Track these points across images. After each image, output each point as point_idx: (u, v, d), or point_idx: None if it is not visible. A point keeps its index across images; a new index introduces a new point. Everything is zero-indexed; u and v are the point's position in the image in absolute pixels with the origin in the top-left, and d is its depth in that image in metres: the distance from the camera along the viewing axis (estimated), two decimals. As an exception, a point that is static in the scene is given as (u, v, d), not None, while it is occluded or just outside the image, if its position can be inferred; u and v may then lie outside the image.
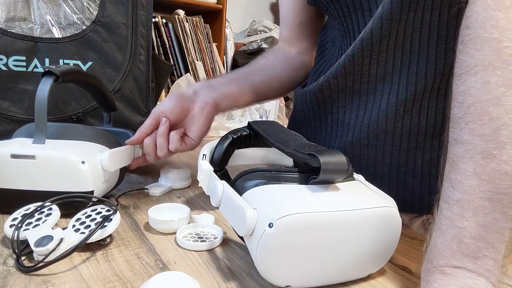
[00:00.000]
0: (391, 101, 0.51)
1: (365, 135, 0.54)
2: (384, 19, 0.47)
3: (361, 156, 0.55)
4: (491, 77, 0.32)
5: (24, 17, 0.67)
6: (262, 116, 1.74)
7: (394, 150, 0.53)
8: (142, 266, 0.40)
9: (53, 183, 0.48)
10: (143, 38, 0.75)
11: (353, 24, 0.54)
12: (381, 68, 0.51)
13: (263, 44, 2.32)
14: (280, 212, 0.33)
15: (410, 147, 0.52)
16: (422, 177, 0.53)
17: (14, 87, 0.66)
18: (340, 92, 0.56)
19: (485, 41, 0.32)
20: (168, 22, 2.02)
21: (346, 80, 0.54)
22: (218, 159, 0.51)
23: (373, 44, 0.49)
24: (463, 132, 0.33)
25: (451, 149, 0.35)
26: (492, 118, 0.31)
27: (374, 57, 0.50)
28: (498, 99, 0.31)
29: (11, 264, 0.39)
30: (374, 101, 0.53)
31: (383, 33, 0.48)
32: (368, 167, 0.55)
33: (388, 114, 0.51)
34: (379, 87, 0.52)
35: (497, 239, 0.32)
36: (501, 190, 0.31)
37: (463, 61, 0.34)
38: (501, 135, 0.31)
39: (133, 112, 0.75)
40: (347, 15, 0.54)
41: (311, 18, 0.71)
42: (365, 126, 0.54)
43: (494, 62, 0.32)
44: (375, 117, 0.52)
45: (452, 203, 0.33)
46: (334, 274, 0.37)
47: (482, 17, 0.33)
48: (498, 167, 0.31)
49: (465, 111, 0.33)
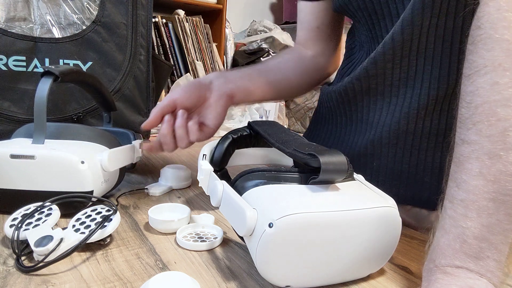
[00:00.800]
0: (413, 104, 0.52)
1: (386, 134, 0.55)
2: (405, 24, 0.47)
3: (382, 153, 0.56)
4: (501, 78, 0.32)
5: (24, 17, 0.67)
6: (262, 116, 1.74)
7: (413, 149, 0.54)
8: (142, 266, 0.40)
9: (52, 183, 0.48)
10: (143, 38, 0.75)
11: (382, 29, 0.55)
12: (404, 72, 0.52)
13: (263, 44, 2.31)
14: (280, 212, 0.33)
15: (429, 146, 0.53)
16: (439, 174, 0.54)
17: (14, 87, 0.66)
18: (364, 93, 0.57)
19: (496, 42, 0.32)
20: (168, 22, 2.02)
21: (370, 82, 0.55)
22: (218, 159, 0.51)
23: (394, 49, 0.50)
24: (470, 132, 0.33)
25: (457, 149, 0.35)
26: (500, 119, 0.31)
27: (397, 61, 0.51)
28: (507, 100, 0.31)
29: (11, 264, 0.39)
30: (396, 103, 0.54)
31: (404, 38, 0.48)
32: (388, 164, 0.56)
33: (409, 116, 0.52)
34: (402, 90, 0.53)
35: (500, 240, 0.32)
36: (506, 192, 0.31)
37: (473, 62, 0.34)
38: (508, 136, 0.31)
39: (133, 112, 0.75)
40: (375, 21, 0.55)
41: (329, 22, 0.71)
42: (387, 126, 0.55)
43: (504, 63, 0.32)
44: (397, 118, 0.53)
45: (456, 203, 0.33)
46: (334, 274, 0.37)
47: (493, 18, 0.33)
48: (504, 168, 0.31)
49: (473, 111, 0.33)
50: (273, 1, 2.85)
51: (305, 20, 0.72)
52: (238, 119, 1.59)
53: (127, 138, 0.63)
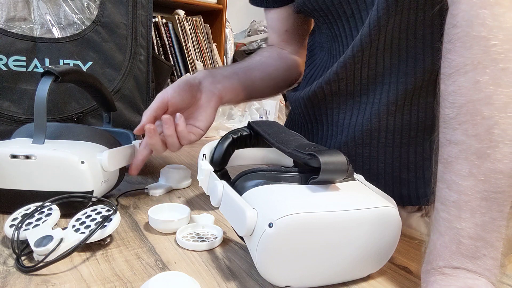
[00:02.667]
0: (383, 101, 0.52)
1: (359, 134, 0.55)
2: (372, 25, 0.48)
3: (357, 154, 0.56)
4: (481, 76, 0.32)
5: (24, 17, 0.67)
6: (262, 116, 1.74)
7: (387, 147, 0.55)
8: (142, 266, 0.40)
9: (52, 183, 0.48)
10: (143, 38, 0.75)
11: (339, 29, 0.55)
12: (372, 70, 0.52)
13: (263, 44, 2.31)
14: (280, 212, 0.33)
15: (403, 142, 0.54)
16: (416, 170, 0.55)
17: (14, 87, 0.66)
18: (333, 95, 0.57)
19: (474, 39, 0.32)
20: (168, 22, 2.02)
21: (339, 84, 0.55)
22: (218, 159, 0.51)
23: (363, 50, 0.51)
24: (457, 132, 0.33)
25: (444, 150, 0.34)
26: (484, 117, 0.31)
27: (365, 61, 0.52)
28: (489, 98, 0.31)
29: (11, 264, 0.39)
30: (367, 101, 0.54)
31: (372, 38, 0.49)
32: (364, 165, 0.57)
33: (380, 113, 0.53)
34: (371, 88, 0.54)
35: (495, 237, 0.32)
36: (497, 189, 0.31)
37: (452, 60, 0.34)
38: (493, 134, 0.31)
39: (133, 112, 0.75)
40: (332, 21, 0.56)
41: (297, 25, 0.73)
42: (359, 126, 0.55)
43: (483, 61, 0.32)
44: (368, 117, 0.54)
45: (449, 205, 0.33)
46: (334, 274, 0.37)
47: (468, 15, 0.33)
48: (492, 166, 0.31)
49: (457, 112, 0.33)
50: (273, 1, 2.85)
51: (274, 25, 0.74)
52: (238, 119, 1.59)
53: (127, 138, 0.63)
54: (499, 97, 0.31)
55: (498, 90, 0.31)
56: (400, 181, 0.56)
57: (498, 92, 0.31)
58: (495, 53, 0.31)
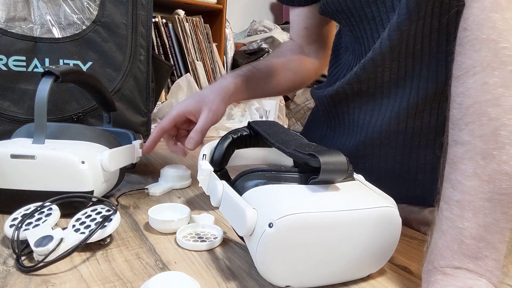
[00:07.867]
0: (403, 104, 0.53)
1: (378, 135, 0.56)
2: (392, 30, 0.48)
3: (374, 154, 0.57)
4: (490, 78, 0.32)
5: (24, 17, 0.67)
6: (262, 116, 1.74)
7: (405, 148, 0.55)
8: (142, 266, 0.40)
9: (53, 183, 0.48)
10: (143, 38, 0.74)
11: (361, 31, 0.56)
12: (394, 74, 0.52)
13: (263, 44, 2.31)
14: (280, 212, 0.33)
15: (420, 145, 0.54)
16: (432, 172, 0.55)
17: (14, 87, 0.66)
18: (355, 95, 0.58)
19: (483, 42, 0.32)
20: (168, 22, 2.02)
21: (361, 86, 0.56)
22: (218, 159, 0.51)
23: (383, 54, 0.51)
24: (463, 133, 0.33)
25: (450, 150, 0.35)
26: (491, 118, 0.32)
27: (386, 65, 0.52)
28: (497, 100, 0.31)
29: (11, 264, 0.39)
30: (388, 103, 0.55)
31: (392, 43, 0.49)
32: (380, 164, 0.57)
33: (400, 116, 0.53)
34: (392, 91, 0.54)
35: (498, 239, 0.32)
36: (501, 191, 0.31)
37: (462, 63, 0.34)
38: (500, 135, 0.31)
39: (133, 112, 0.75)
40: (354, 23, 0.56)
41: (318, 25, 0.74)
42: (378, 127, 0.55)
43: (492, 63, 0.32)
44: (388, 119, 0.54)
45: (452, 204, 0.33)
46: (334, 274, 0.37)
47: (479, 19, 0.33)
48: (498, 167, 0.31)
49: (464, 112, 0.33)
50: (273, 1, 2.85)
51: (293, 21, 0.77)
52: (238, 119, 1.59)
53: (127, 138, 0.63)
54: (507, 99, 0.31)
55: (507, 92, 0.31)
56: (415, 181, 0.56)
57: (506, 94, 0.31)
58: (505, 56, 0.31)
